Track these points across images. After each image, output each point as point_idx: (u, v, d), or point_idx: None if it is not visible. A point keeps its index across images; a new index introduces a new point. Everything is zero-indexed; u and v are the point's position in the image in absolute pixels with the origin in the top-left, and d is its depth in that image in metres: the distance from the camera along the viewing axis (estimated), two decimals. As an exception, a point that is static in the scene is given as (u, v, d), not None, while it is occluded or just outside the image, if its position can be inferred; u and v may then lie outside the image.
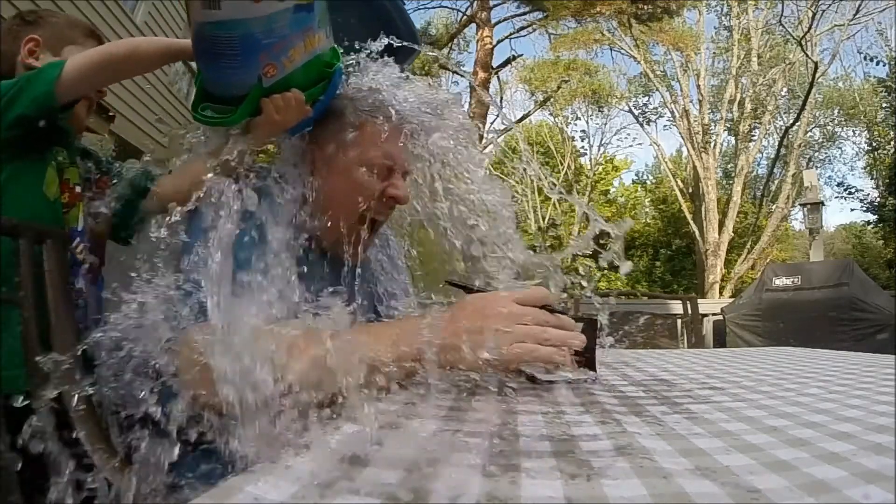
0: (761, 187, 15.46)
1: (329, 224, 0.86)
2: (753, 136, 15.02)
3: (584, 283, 0.76)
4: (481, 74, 9.95)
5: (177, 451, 0.63)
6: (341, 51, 0.90)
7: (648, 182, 23.37)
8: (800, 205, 8.17)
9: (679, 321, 2.62)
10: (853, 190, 14.76)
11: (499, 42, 11.21)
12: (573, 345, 0.58)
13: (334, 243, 0.88)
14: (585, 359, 0.64)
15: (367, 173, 0.85)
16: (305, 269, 0.85)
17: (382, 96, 0.88)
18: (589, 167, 21.38)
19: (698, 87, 15.15)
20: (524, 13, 11.12)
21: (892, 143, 14.16)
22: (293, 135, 0.87)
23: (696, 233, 14.78)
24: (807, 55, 11.64)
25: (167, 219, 0.75)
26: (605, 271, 0.74)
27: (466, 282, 0.72)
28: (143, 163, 1.10)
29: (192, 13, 0.76)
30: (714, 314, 4.62)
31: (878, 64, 13.05)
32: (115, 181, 1.07)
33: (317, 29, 0.80)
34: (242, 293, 0.68)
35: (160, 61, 0.94)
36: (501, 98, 15.79)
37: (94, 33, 1.08)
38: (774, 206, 13.89)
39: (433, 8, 12.47)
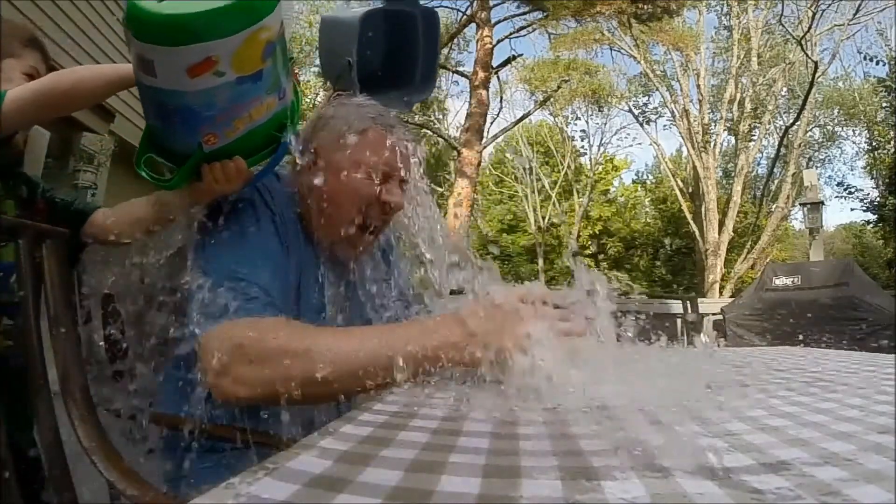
0: (761, 187, 15.47)
1: (325, 224, 0.88)
2: (753, 135, 15.03)
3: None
4: (481, 74, 9.93)
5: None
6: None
7: (648, 182, 23.37)
8: (800, 205, 8.17)
9: (679, 321, 2.62)
10: (853, 190, 14.73)
11: (499, 42, 11.18)
12: (577, 334, 0.60)
13: (331, 244, 0.89)
14: None
15: (363, 177, 0.86)
16: (305, 268, 0.87)
17: (388, 110, 0.90)
18: (589, 167, 21.37)
19: (698, 86, 15.15)
20: (524, 13, 11.10)
21: (892, 143, 14.14)
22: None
23: (696, 233, 14.78)
24: (807, 55, 11.63)
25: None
26: (605, 271, 0.75)
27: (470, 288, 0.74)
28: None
29: (134, 70, 0.72)
30: (714, 314, 4.62)
31: (878, 64, 13.02)
32: (54, 207, 1.03)
33: (266, 96, 0.75)
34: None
35: (108, 91, 0.89)
36: (501, 98, 15.78)
37: (34, 42, 1.02)
38: (774, 206, 13.89)
39: (433, 8, 12.46)
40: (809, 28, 11.97)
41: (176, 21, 0.64)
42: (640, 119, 17.90)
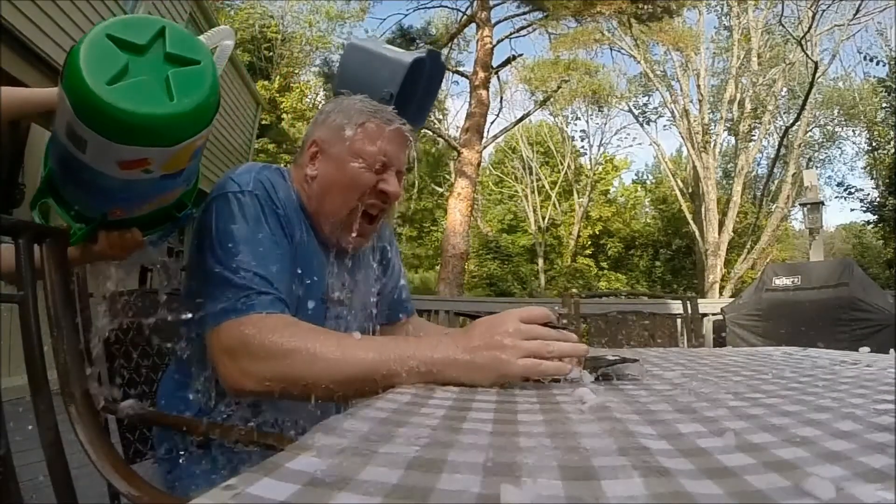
0: (761, 187, 15.47)
1: (326, 214, 0.92)
2: (753, 136, 15.03)
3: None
4: (481, 74, 9.94)
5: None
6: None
7: (648, 182, 23.38)
8: (800, 205, 8.16)
9: (679, 321, 2.62)
10: (853, 190, 14.76)
11: (499, 42, 11.18)
12: (577, 355, 0.61)
13: (333, 235, 0.92)
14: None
15: (362, 167, 0.90)
16: (309, 260, 0.90)
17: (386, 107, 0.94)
18: (589, 167, 21.38)
19: (698, 86, 15.16)
20: (524, 13, 11.10)
21: (892, 143, 14.15)
22: None
23: (696, 233, 14.78)
24: (807, 55, 11.62)
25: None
26: (606, 271, 0.76)
27: (474, 311, 0.75)
28: None
29: (56, 124, 0.68)
30: (714, 314, 4.62)
31: (878, 64, 13.05)
32: None
33: (179, 187, 0.75)
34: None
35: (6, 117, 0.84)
36: (501, 98, 15.78)
37: None
38: (774, 206, 13.89)
39: (433, 8, 12.48)
40: (809, 28, 11.95)
41: (125, 119, 0.60)
42: (640, 119, 17.94)
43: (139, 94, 0.61)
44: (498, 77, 12.93)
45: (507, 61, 11.58)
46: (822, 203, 6.31)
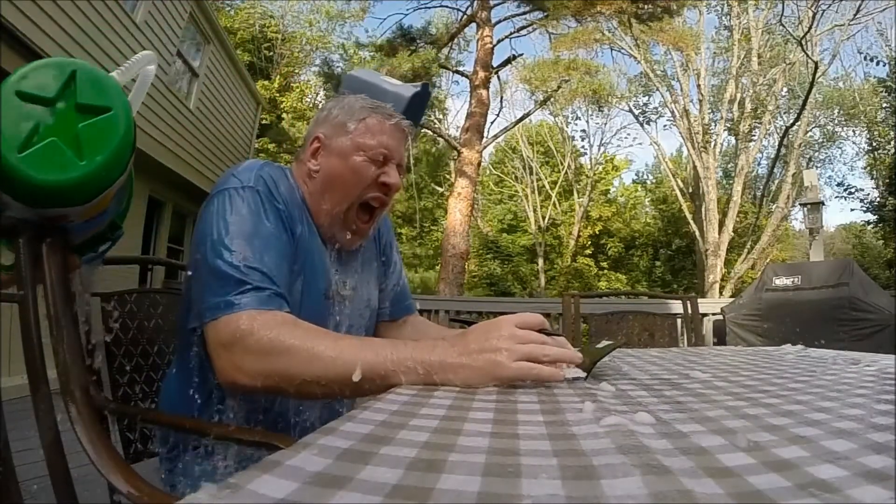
0: (761, 187, 15.47)
1: (327, 208, 0.93)
2: (753, 136, 15.02)
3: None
4: (481, 74, 9.95)
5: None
6: None
7: (648, 182, 23.40)
8: (800, 205, 8.16)
9: (679, 321, 2.62)
10: (853, 190, 14.79)
11: (499, 42, 11.18)
12: (570, 361, 0.62)
13: (333, 230, 0.92)
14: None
15: (363, 160, 0.92)
16: (311, 256, 0.90)
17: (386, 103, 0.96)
18: (589, 167, 21.39)
19: (698, 86, 15.15)
20: (524, 13, 11.09)
21: (892, 143, 14.15)
22: None
23: (696, 233, 14.78)
24: (807, 55, 11.62)
25: None
26: (606, 271, 0.76)
27: (468, 318, 0.76)
28: None
29: None
30: (714, 314, 4.62)
31: (878, 64, 13.06)
32: None
33: (106, 219, 0.78)
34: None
35: None
36: (501, 98, 15.77)
37: None
38: (774, 206, 13.89)
39: (433, 8, 12.47)
40: (810, 28, 11.94)
41: (37, 186, 0.62)
42: (640, 119, 17.94)
43: (49, 161, 0.62)
44: (498, 77, 12.94)
45: (508, 61, 11.58)
46: (822, 203, 6.31)
